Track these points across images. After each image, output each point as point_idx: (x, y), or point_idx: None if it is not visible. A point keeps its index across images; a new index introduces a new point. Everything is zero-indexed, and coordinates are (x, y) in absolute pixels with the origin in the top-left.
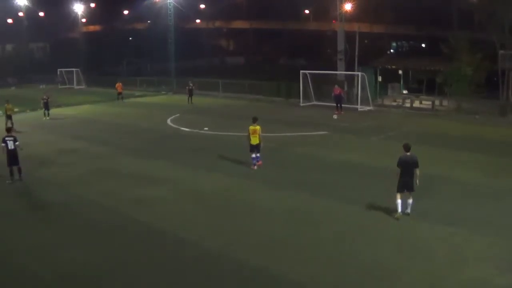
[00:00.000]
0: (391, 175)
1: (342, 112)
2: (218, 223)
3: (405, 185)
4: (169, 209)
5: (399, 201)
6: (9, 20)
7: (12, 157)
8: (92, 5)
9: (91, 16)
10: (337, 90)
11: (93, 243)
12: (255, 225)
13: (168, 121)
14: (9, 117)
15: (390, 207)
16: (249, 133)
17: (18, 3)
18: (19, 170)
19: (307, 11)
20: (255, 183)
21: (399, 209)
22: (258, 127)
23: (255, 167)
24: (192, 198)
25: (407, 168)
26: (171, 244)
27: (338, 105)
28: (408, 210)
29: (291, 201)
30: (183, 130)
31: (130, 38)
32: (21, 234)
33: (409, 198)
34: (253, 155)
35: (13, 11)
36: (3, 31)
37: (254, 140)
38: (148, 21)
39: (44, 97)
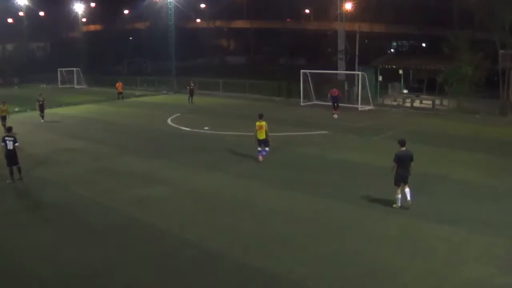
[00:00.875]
0: (391, 174)
1: (338, 111)
2: (218, 223)
3: (402, 178)
4: (169, 209)
5: (399, 196)
6: (10, 20)
7: (12, 157)
8: (93, 4)
9: (92, 15)
10: (334, 92)
11: (93, 243)
12: (255, 225)
13: (169, 120)
14: (3, 118)
15: (390, 207)
16: (256, 129)
17: (18, 3)
18: (19, 170)
19: (307, 11)
20: (255, 183)
21: (399, 203)
22: (263, 123)
23: (261, 157)
24: (192, 197)
25: (403, 162)
26: (171, 244)
27: (335, 104)
28: (409, 198)
29: (291, 201)
30: (183, 129)
31: (131, 38)
32: (21, 233)
33: (405, 188)
34: (259, 148)
35: (13, 10)
36: (4, 30)
37: (261, 135)
38: (149, 21)
39: (40, 99)
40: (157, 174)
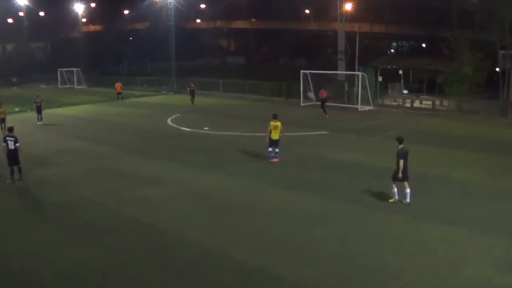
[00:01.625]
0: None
1: (327, 116)
2: (219, 223)
3: (405, 175)
4: (169, 209)
5: (395, 190)
6: (10, 20)
7: (13, 157)
8: (93, 5)
9: (92, 16)
10: (322, 93)
11: (93, 243)
12: (256, 225)
13: (169, 121)
14: (2, 120)
15: (391, 206)
16: (271, 129)
17: (18, 3)
18: (20, 170)
19: (307, 11)
20: (256, 183)
21: (396, 196)
22: (279, 123)
23: (276, 159)
24: (192, 198)
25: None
26: (172, 244)
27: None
28: (408, 200)
29: (291, 201)
30: (183, 130)
31: (131, 38)
32: (21, 233)
33: (406, 188)
34: (270, 149)
35: (13, 10)
36: (4, 31)
37: (275, 136)
38: (149, 21)
39: (38, 100)
40: (157, 174)
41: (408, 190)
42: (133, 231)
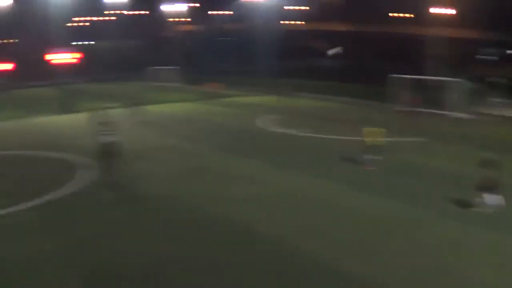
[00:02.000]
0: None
1: (412, 119)
2: (312, 225)
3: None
4: (258, 208)
5: (481, 199)
6: (109, 18)
7: (107, 151)
8: (191, 4)
9: (190, 15)
10: (414, 100)
11: (181, 240)
12: (351, 231)
13: (262, 121)
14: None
15: (486, 222)
16: (369, 136)
17: (117, 2)
18: (113, 165)
19: (401, 15)
20: (345, 187)
21: (483, 207)
22: (378, 130)
23: (373, 167)
24: (283, 198)
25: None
26: (260, 244)
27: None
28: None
29: (384, 208)
30: (276, 131)
31: (228, 38)
32: (106, 228)
33: (489, 196)
34: (366, 156)
35: (112, 8)
36: (103, 28)
37: (373, 142)
38: (245, 22)
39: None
40: (247, 173)
41: (490, 199)
42: (221, 229)
